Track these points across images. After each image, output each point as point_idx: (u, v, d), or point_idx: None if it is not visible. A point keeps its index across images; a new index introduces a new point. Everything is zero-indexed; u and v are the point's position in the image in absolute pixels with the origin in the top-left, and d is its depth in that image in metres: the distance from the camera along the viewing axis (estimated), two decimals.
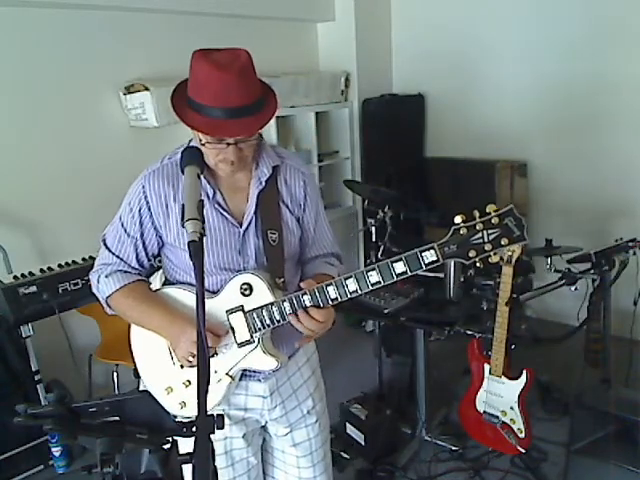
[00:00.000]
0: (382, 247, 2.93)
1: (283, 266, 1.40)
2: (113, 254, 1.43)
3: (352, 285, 1.29)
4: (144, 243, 1.42)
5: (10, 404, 1.29)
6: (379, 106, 4.17)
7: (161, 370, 1.44)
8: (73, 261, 2.74)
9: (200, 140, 1.27)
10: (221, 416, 0.93)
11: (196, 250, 1.03)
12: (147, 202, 1.38)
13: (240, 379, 1.44)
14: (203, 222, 1.07)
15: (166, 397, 1.41)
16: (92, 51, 2.99)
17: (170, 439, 1.13)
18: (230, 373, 1.37)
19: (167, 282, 1.50)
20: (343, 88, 4.14)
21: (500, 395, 2.31)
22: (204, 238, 1.26)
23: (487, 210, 1.22)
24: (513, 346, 2.35)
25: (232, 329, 1.35)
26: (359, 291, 1.30)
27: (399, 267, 1.26)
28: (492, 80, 3.99)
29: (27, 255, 2.82)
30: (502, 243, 1.21)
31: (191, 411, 1.36)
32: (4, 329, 2.51)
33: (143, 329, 1.46)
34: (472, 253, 1.22)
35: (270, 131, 3.76)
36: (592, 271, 2.59)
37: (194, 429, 0.93)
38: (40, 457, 2.69)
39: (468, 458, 2.62)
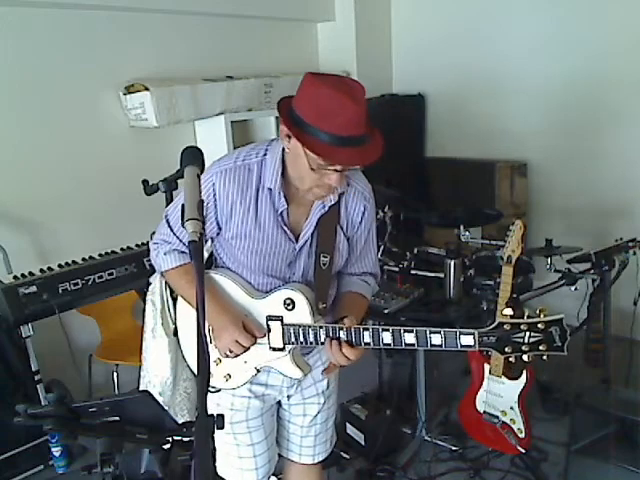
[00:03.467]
0: (382, 247, 2.93)
1: (328, 290, 1.47)
2: (174, 234, 1.48)
3: (387, 338, 1.34)
4: (203, 230, 1.48)
5: (10, 404, 1.29)
6: (379, 106, 4.16)
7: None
8: (73, 261, 2.74)
9: (310, 165, 1.28)
10: (221, 416, 0.93)
11: (196, 250, 1.03)
12: (215, 199, 1.40)
13: None
14: (203, 222, 1.07)
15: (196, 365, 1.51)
16: (92, 51, 2.99)
17: (170, 439, 1.13)
18: (258, 367, 1.48)
19: (214, 263, 1.57)
20: None
21: (500, 395, 2.31)
22: (260, 246, 1.39)
23: (537, 311, 1.24)
24: None
25: (269, 333, 1.43)
26: (392, 345, 1.34)
27: (435, 339, 1.32)
28: (492, 80, 3.98)
29: (27, 255, 2.83)
30: (540, 348, 1.23)
31: (214, 382, 1.50)
32: (4, 329, 2.50)
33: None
34: (508, 349, 1.25)
35: (271, 130, 3.77)
36: (592, 271, 2.59)
37: (194, 429, 0.92)
38: (40, 457, 2.68)
39: (468, 458, 2.61)
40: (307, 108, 1.25)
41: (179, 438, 1.14)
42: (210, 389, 1.55)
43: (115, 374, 2.87)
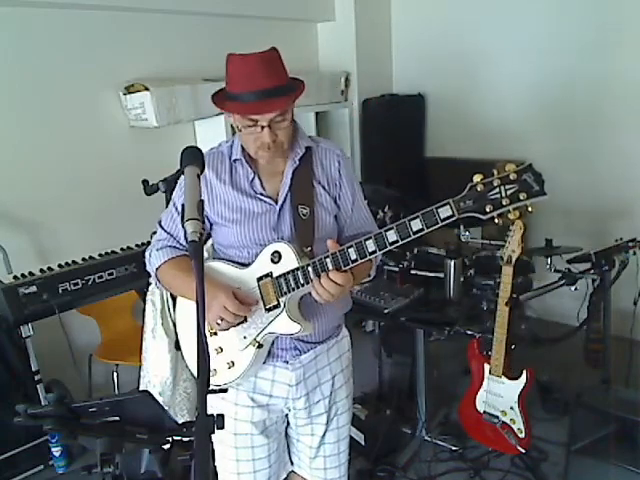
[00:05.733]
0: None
1: (312, 238, 1.46)
2: (166, 231, 1.55)
3: (371, 246, 1.33)
4: (203, 230, 1.51)
5: (10, 404, 1.29)
6: (379, 106, 4.17)
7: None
8: (73, 261, 2.74)
9: (238, 127, 1.39)
10: (221, 416, 0.93)
11: (196, 250, 1.03)
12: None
13: (267, 361, 1.50)
14: (203, 222, 1.07)
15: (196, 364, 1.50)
16: (92, 51, 2.99)
17: (170, 439, 1.13)
18: (258, 339, 1.44)
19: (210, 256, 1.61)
20: (343, 88, 4.14)
21: (500, 395, 2.31)
22: (242, 215, 1.44)
23: (506, 168, 1.23)
24: (513, 346, 2.35)
25: (261, 295, 1.43)
26: (378, 250, 1.33)
27: (416, 225, 1.30)
28: (492, 80, 3.99)
29: (27, 255, 2.82)
30: (520, 198, 1.21)
31: (219, 379, 1.47)
32: (4, 329, 2.50)
33: (186, 301, 1.55)
34: (489, 208, 1.22)
35: None
36: (592, 271, 2.59)
37: (194, 429, 0.92)
38: (40, 457, 2.68)
39: (468, 458, 2.62)
40: (226, 82, 1.39)
41: (179, 438, 1.14)
42: (214, 388, 1.55)
43: (115, 374, 2.87)
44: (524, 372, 2.26)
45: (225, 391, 1.48)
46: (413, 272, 2.75)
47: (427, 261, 2.78)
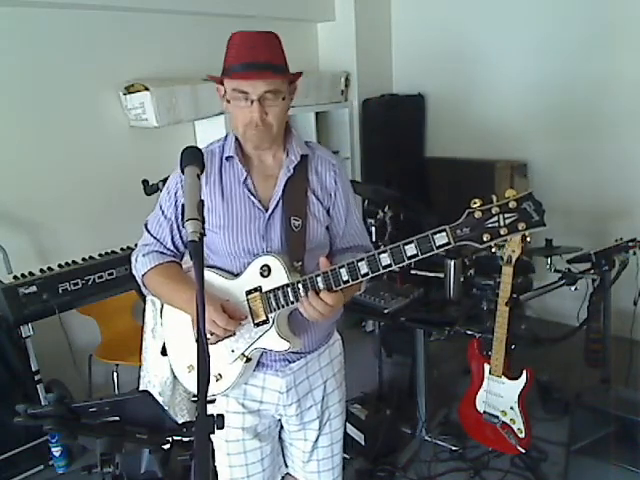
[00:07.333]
0: (382, 247, 2.93)
1: (303, 252, 1.43)
2: (152, 236, 1.51)
3: (364, 268, 1.29)
4: (179, 226, 1.49)
5: (10, 404, 1.29)
6: (379, 106, 4.17)
7: (185, 348, 1.49)
8: (73, 261, 2.74)
9: (228, 100, 1.35)
10: (221, 416, 0.93)
11: (196, 250, 1.03)
12: (182, 186, 1.43)
13: (257, 369, 1.48)
14: (203, 222, 1.07)
15: (187, 375, 1.49)
16: (92, 51, 2.99)
17: (170, 439, 1.13)
18: (246, 353, 1.41)
19: None
20: (343, 88, 4.14)
21: (500, 395, 2.31)
22: (230, 221, 1.40)
23: (506, 195, 1.20)
24: (513, 346, 2.35)
25: (250, 309, 1.39)
26: (370, 273, 1.29)
27: (410, 250, 1.26)
28: (492, 80, 3.99)
29: (27, 255, 2.82)
30: (519, 228, 1.17)
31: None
32: (4, 329, 2.51)
33: (173, 309, 1.51)
34: (486, 237, 1.18)
35: None
36: (592, 271, 2.59)
37: (194, 429, 0.92)
38: (40, 457, 2.69)
39: (468, 458, 2.62)
40: (225, 58, 1.35)
41: (179, 438, 1.14)
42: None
43: (115, 374, 2.87)
44: (524, 372, 2.26)
45: (212, 402, 1.46)
46: (413, 272, 2.75)
47: (427, 261, 2.77)
